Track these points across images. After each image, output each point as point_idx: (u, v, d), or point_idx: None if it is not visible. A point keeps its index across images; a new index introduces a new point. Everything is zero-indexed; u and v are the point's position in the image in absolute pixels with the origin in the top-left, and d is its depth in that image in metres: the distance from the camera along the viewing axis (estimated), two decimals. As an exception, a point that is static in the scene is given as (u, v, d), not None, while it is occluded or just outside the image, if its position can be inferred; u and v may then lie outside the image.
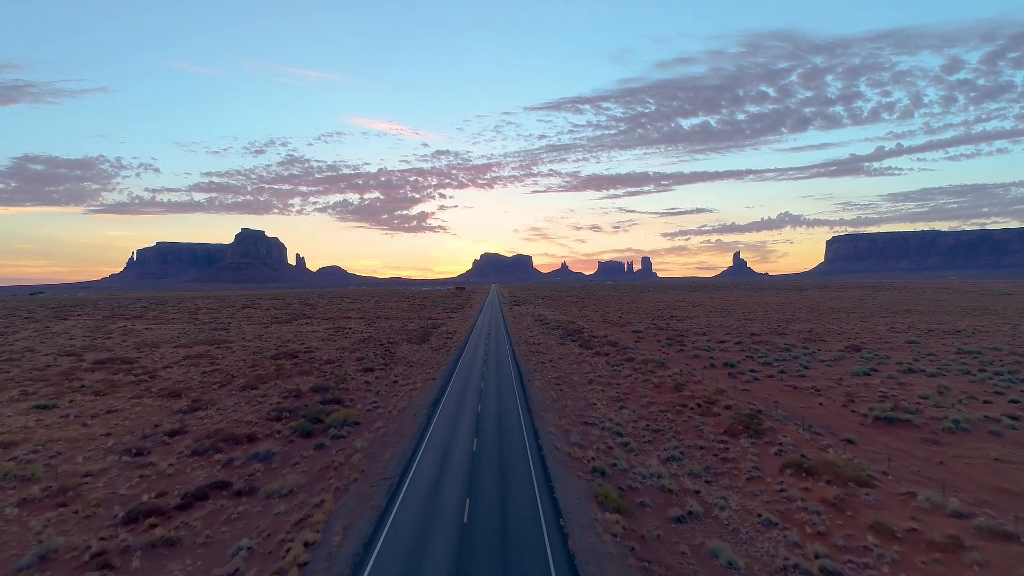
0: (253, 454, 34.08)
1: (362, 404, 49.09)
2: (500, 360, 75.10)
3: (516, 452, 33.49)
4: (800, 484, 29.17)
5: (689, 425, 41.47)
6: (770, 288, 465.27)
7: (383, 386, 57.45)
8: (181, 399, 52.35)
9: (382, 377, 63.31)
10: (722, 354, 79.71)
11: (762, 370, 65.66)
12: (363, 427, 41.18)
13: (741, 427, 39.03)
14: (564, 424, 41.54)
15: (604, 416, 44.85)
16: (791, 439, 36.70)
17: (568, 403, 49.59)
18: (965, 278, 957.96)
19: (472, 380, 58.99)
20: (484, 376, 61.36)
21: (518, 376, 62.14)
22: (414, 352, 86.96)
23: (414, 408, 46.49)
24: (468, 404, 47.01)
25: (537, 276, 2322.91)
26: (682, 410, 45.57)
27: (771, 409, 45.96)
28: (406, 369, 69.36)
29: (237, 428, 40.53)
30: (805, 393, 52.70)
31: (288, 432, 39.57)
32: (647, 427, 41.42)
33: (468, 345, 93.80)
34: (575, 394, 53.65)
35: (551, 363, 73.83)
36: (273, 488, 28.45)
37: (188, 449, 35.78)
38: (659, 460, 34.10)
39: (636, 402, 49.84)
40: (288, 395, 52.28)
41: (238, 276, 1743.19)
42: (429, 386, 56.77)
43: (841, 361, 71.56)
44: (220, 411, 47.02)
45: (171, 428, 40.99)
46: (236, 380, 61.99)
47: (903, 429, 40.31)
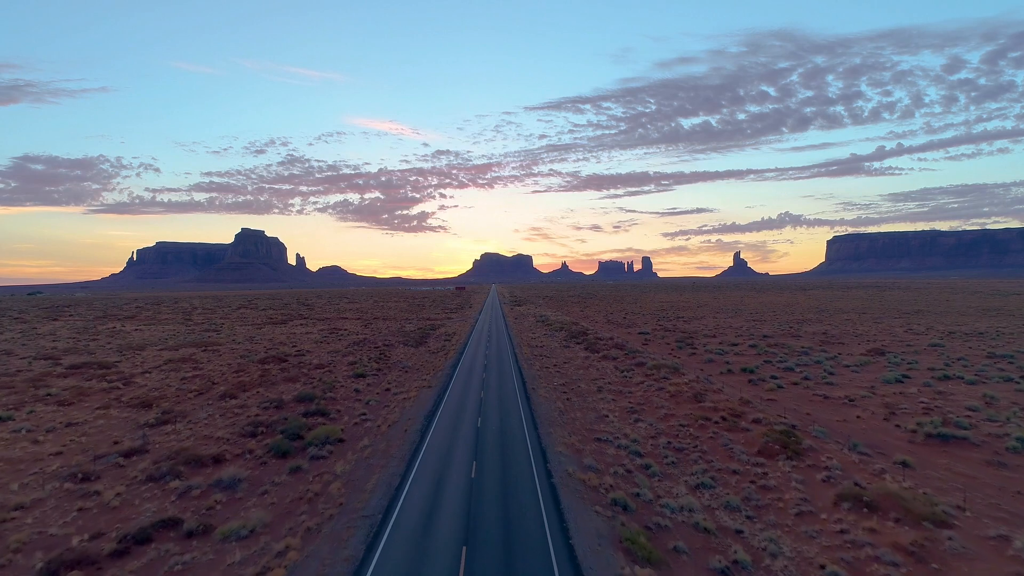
0: (216, 481, 29.29)
1: (349, 416, 44.30)
2: (502, 365, 70.34)
3: (522, 480, 28.69)
4: (863, 523, 24.39)
5: (716, 443, 36.68)
6: (773, 288, 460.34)
7: (374, 395, 52.67)
8: (151, 410, 47.60)
9: (374, 384, 58.53)
10: (737, 358, 74.91)
11: (784, 376, 60.88)
12: (347, 445, 36.41)
13: (777, 446, 34.25)
14: (575, 441, 36.78)
15: (618, 431, 40.11)
16: (837, 462, 31.91)
17: (577, 415, 44.83)
18: (967, 278, 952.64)
19: (472, 388, 54.23)
20: (485, 383, 56.61)
21: (521, 383, 57.38)
22: (410, 356, 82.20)
23: (406, 422, 41.72)
24: (467, 417, 42.24)
25: (537, 276, 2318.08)
26: (705, 424, 40.78)
27: (805, 423, 41.18)
28: (401, 375, 64.59)
29: (204, 447, 35.78)
30: (838, 404, 47.89)
31: (262, 451, 34.80)
32: (668, 445, 36.64)
33: (468, 348, 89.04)
34: (584, 404, 48.90)
35: (556, 368, 69.08)
36: (231, 528, 23.68)
37: (143, 474, 31.01)
38: (687, 487, 29.32)
39: (652, 414, 45.06)
40: (269, 406, 47.51)
41: (238, 276, 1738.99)
42: (424, 395, 52.00)
43: (867, 366, 66.75)
44: (191, 425, 42.24)
45: (130, 446, 36.21)
46: (216, 388, 57.22)
47: (960, 448, 35.52)
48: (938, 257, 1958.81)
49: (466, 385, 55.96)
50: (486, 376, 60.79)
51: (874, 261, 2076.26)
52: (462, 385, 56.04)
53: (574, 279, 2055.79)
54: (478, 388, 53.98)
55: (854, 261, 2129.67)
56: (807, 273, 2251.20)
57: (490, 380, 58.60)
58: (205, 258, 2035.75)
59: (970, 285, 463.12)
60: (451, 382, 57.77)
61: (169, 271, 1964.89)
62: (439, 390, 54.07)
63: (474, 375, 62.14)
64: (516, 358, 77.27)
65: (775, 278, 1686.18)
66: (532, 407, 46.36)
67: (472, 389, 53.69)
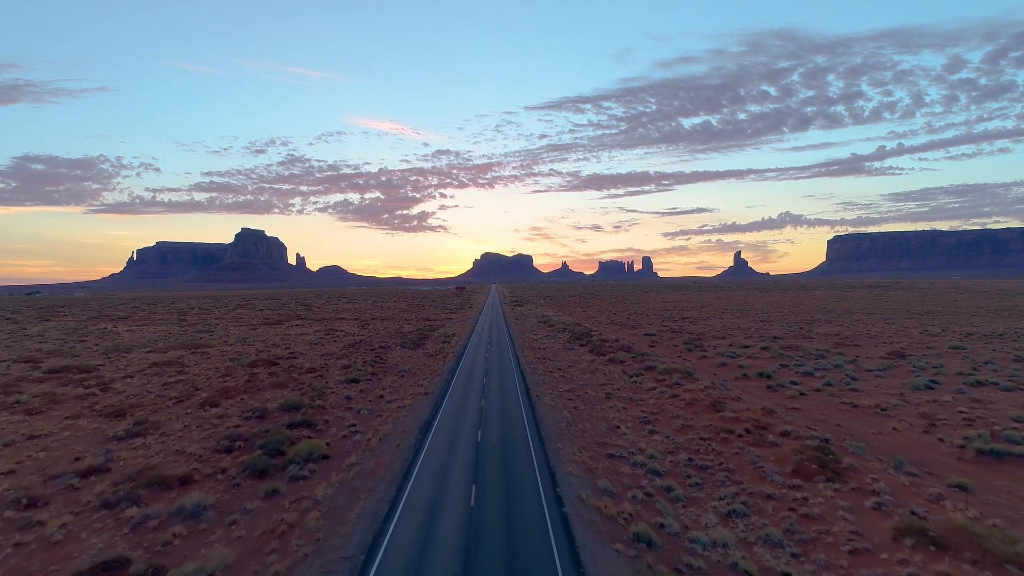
0: (178, 508, 25.58)
1: (337, 428, 40.58)
2: (503, 369, 66.63)
3: (529, 509, 24.96)
4: (933, 565, 20.66)
5: (743, 460, 32.94)
6: (775, 288, 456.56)
7: (366, 403, 48.95)
8: (124, 420, 43.89)
9: (367, 391, 54.80)
10: (751, 362, 71.18)
11: (804, 382, 57.14)
12: (332, 462, 32.69)
13: (814, 465, 30.51)
14: (586, 458, 33.06)
15: (633, 445, 36.41)
16: (885, 484, 28.19)
17: (586, 426, 41.13)
18: (968, 278, 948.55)
19: (471, 395, 50.51)
20: (485, 390, 52.90)
21: (524, 389, 53.66)
22: (407, 358, 78.50)
23: (399, 435, 38.01)
24: (465, 430, 38.52)
25: (538, 276, 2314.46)
26: (728, 438, 37.05)
27: (837, 436, 37.44)
28: (396, 380, 60.87)
29: (173, 465, 32.08)
30: (868, 413, 44.16)
31: (236, 471, 31.07)
32: (690, 462, 32.91)
33: (467, 351, 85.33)
34: (593, 413, 45.19)
35: (560, 372, 65.37)
36: (186, 572, 19.96)
37: (98, 498, 27.30)
38: (718, 516, 25.62)
39: (668, 425, 41.33)
40: (251, 415, 43.80)
41: (238, 276, 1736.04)
42: (420, 403, 48.28)
43: (891, 371, 63.04)
44: (163, 438, 38.53)
45: (91, 464, 32.50)
46: (198, 395, 53.51)
47: (1018, 467, 31.79)
48: (939, 257, 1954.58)
49: (465, 392, 52.26)
50: (487, 382, 57.09)
51: (875, 261, 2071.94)
52: (461, 392, 52.33)
53: (574, 279, 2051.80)
54: (478, 395, 50.27)
55: (855, 261, 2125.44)
56: (808, 273, 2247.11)
57: (491, 386, 54.90)
58: (205, 258, 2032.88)
59: (974, 285, 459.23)
60: (449, 388, 54.06)
61: (169, 271, 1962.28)
62: (436, 397, 50.35)
63: (474, 380, 58.45)
64: (518, 361, 73.57)
65: (776, 278, 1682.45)
66: (537, 417, 42.64)
67: (472, 396, 49.98)
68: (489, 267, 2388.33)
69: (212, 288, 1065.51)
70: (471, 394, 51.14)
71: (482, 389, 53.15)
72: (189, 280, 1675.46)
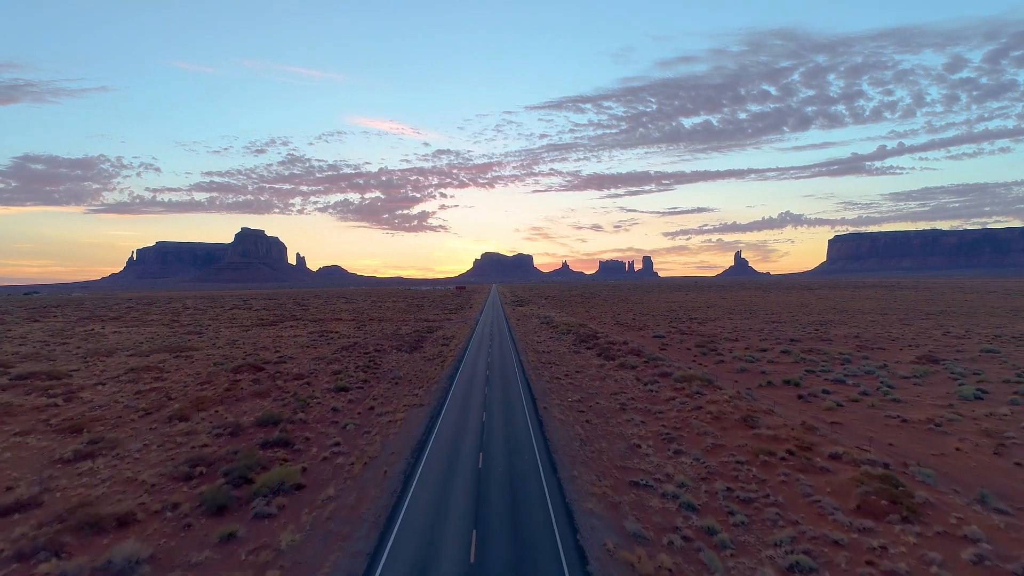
0: (105, 563, 20.50)
1: (318, 448, 35.48)
2: (506, 375, 61.56)
3: (544, 568, 19.82)
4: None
5: (793, 491, 27.84)
6: (778, 288, 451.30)
7: (354, 415, 43.84)
8: (79, 437, 38.82)
9: (356, 401, 49.70)
10: (773, 367, 66.04)
11: (837, 391, 52.04)
12: (307, 495, 27.60)
13: (883, 500, 25.42)
14: (607, 489, 27.97)
15: (658, 469, 31.34)
16: (977, 527, 23.09)
17: (603, 445, 36.05)
18: (970, 277, 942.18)
19: (471, 407, 45.43)
20: (487, 400, 47.81)
21: (531, 400, 48.56)
22: (403, 363, 73.40)
23: (388, 458, 32.90)
24: (464, 452, 33.42)
25: (538, 275, 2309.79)
26: (770, 461, 31.95)
27: (895, 459, 32.32)
28: (389, 388, 55.77)
29: (118, 498, 27.01)
30: (921, 430, 39.02)
31: (190, 506, 25.99)
32: (730, 493, 27.82)
33: (467, 354, 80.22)
34: (608, 429, 40.11)
35: (568, 379, 60.29)
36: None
37: (13, 546, 22.21)
38: (777, 571, 20.55)
39: (695, 443, 36.25)
40: (222, 431, 38.74)
41: (238, 276, 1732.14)
42: (415, 417, 43.17)
43: (927, 378, 57.91)
44: (116, 461, 33.45)
45: (21, 497, 27.42)
46: (170, 405, 48.44)
47: (1124, 501, 26.67)
48: (940, 256, 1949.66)
49: (465, 403, 47.16)
50: (488, 391, 51.97)
51: (876, 261, 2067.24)
52: (460, 403, 47.23)
53: (575, 279, 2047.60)
54: (479, 408, 45.18)
55: (855, 261, 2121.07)
56: (809, 273, 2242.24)
57: (493, 396, 49.81)
58: (205, 258, 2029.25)
59: (978, 285, 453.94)
60: (447, 399, 48.94)
61: (169, 271, 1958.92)
62: (432, 410, 45.24)
63: (474, 389, 53.36)
64: (522, 367, 68.46)
65: (778, 278, 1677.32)
66: (546, 435, 37.54)
67: (472, 409, 44.88)
68: (489, 267, 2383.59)
69: (211, 288, 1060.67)
70: (471, 405, 46.06)
71: (483, 400, 48.05)
72: (189, 280, 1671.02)
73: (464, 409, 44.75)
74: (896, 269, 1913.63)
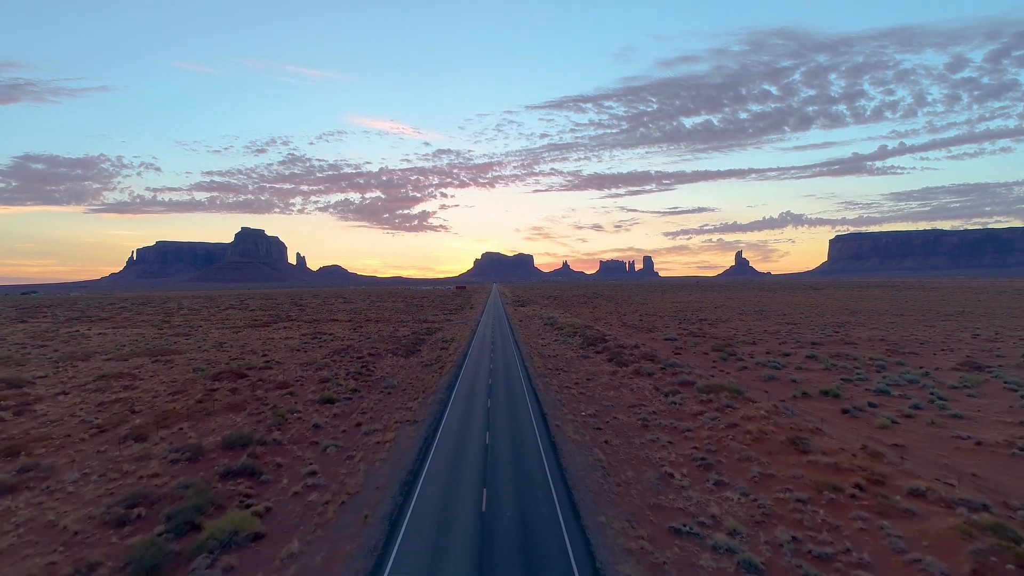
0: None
1: (289, 479, 29.71)
2: (511, 384, 55.83)
3: None
4: None
5: (881, 546, 22.04)
6: (783, 288, 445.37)
7: (337, 435, 38.09)
8: (14, 462, 33.09)
9: (342, 415, 43.94)
10: (803, 375, 60.27)
11: (884, 403, 46.28)
12: (264, 549, 21.86)
13: (1006, 563, 19.66)
14: (644, 542, 22.20)
15: (700, 508, 25.61)
16: None
17: (629, 475, 30.28)
18: (972, 277, 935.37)
19: (473, 424, 39.65)
20: (490, 416, 42.07)
21: (539, 415, 42.79)
22: (398, 369, 67.66)
23: (370, 495, 27.12)
24: (465, 487, 27.59)
25: (539, 275, 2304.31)
26: (837, 499, 26.18)
27: (990, 495, 26.53)
28: (381, 400, 50.02)
29: (23, 555, 21.29)
30: (1002, 455, 33.16)
31: (111, 568, 20.25)
32: (797, 546, 22.03)
33: (468, 359, 74.45)
34: (632, 452, 34.36)
35: (579, 388, 54.56)
36: None
37: None
38: None
39: (738, 472, 30.48)
40: (181, 455, 32.99)
41: (238, 276, 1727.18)
42: (406, 437, 37.40)
43: (979, 387, 52.14)
44: (43, 496, 27.72)
45: (-96, 551, 21.70)
46: (131, 420, 42.74)
47: None
48: (941, 256, 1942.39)
49: (465, 419, 41.39)
50: (491, 404, 46.19)
51: (877, 261, 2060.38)
52: (459, 419, 41.46)
53: (575, 279, 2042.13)
54: (481, 425, 39.42)
55: (857, 260, 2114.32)
56: (810, 272, 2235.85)
57: (497, 410, 44.03)
58: (205, 257, 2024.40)
59: (986, 285, 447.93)
60: (445, 414, 43.15)
61: (169, 270, 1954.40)
62: (428, 427, 39.47)
63: (476, 401, 47.61)
64: (527, 374, 62.69)
65: (780, 277, 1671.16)
66: (562, 462, 31.75)
67: (473, 427, 39.12)
68: (490, 267, 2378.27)
69: (211, 288, 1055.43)
70: (472, 422, 40.31)
71: (486, 415, 42.26)
72: (188, 280, 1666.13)
73: (464, 427, 38.99)
74: (898, 269, 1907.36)
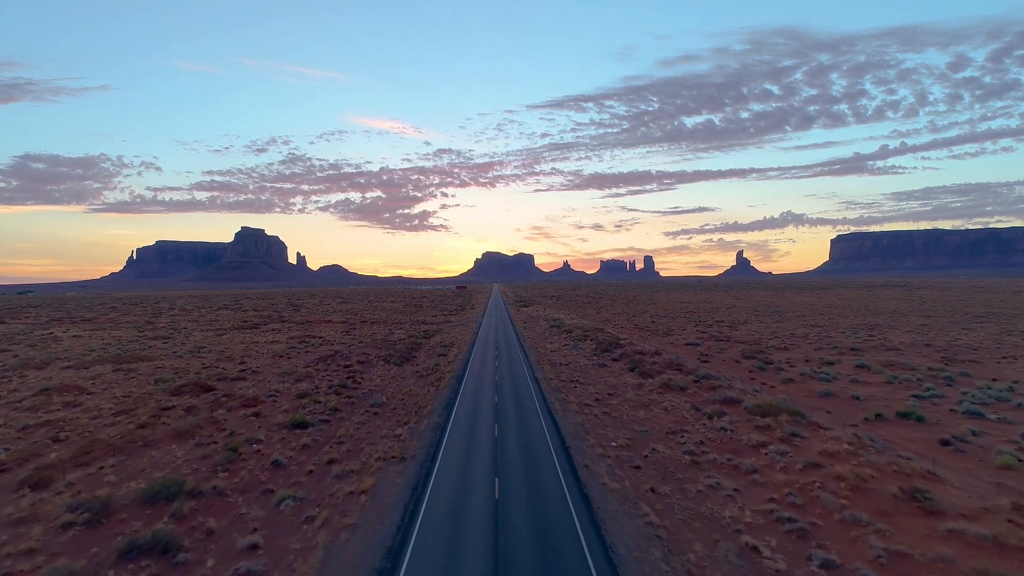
0: None
1: (217, 560, 20.83)
2: (521, 403, 47.04)
3: None
4: None
5: None
6: (790, 287, 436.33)
7: (301, 477, 29.26)
8: None
9: (313, 446, 35.11)
10: (863, 389, 51.42)
11: (985, 430, 37.47)
12: None
13: None
14: None
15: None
16: None
17: (698, 550, 21.46)
18: (975, 277, 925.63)
19: (477, 466, 30.69)
20: (498, 449, 33.22)
21: (561, 448, 33.93)
22: (389, 380, 58.89)
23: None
24: None
25: (539, 275, 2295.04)
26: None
27: None
28: (364, 422, 41.20)
29: None
30: None
31: None
32: None
33: (469, 369, 65.61)
34: (687, 505, 25.56)
35: (602, 407, 45.75)
36: None
37: None
38: None
39: (848, 544, 21.67)
40: (78, 517, 24.14)
41: (238, 275, 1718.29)
42: (388, 484, 28.51)
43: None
44: None
45: None
46: (44, 455, 33.92)
47: None
48: (943, 256, 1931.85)
49: (467, 455, 32.52)
50: (500, 432, 37.24)
51: (878, 260, 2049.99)
52: (459, 455, 32.59)
53: (576, 278, 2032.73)
54: (487, 464, 30.55)
55: (858, 260, 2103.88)
56: (811, 272, 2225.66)
57: (507, 442, 35.14)
58: (205, 257, 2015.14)
59: (996, 284, 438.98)
60: (441, 447, 34.26)
61: (169, 270, 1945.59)
62: (418, 469, 30.58)
63: (480, 427, 38.78)
64: (539, 388, 53.86)
65: (783, 277, 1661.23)
66: (602, 532, 22.90)
67: (477, 468, 30.25)
68: (490, 266, 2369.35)
69: (210, 287, 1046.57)
70: (476, 460, 31.45)
71: (493, 449, 33.38)
72: (188, 279, 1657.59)
73: (465, 468, 30.13)
74: (899, 269, 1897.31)
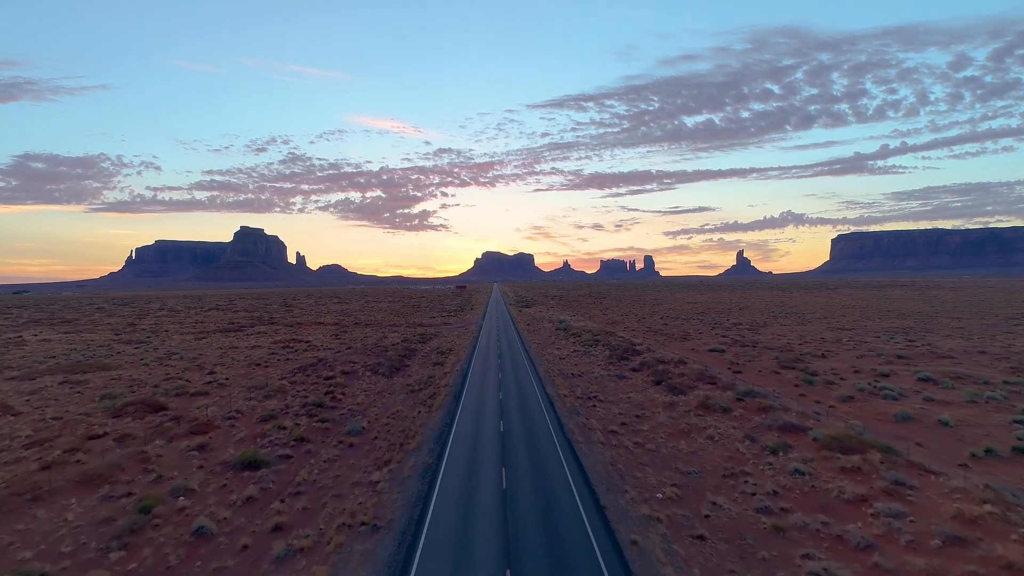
0: None
1: None
2: (533, 429, 38.17)
3: None
4: None
5: None
6: (796, 287, 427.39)
7: (223, 566, 20.45)
8: None
9: (258, 502, 26.28)
10: (944, 411, 42.59)
11: None
12: None
13: None
14: None
15: None
16: None
17: None
18: (977, 276, 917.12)
19: (478, 539, 21.85)
20: (507, 509, 24.40)
21: (593, 505, 25.11)
22: (374, 398, 50.09)
23: None
24: None
25: (539, 275, 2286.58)
26: None
27: None
28: (334, 460, 32.36)
29: None
30: None
31: None
32: None
33: (469, 383, 56.69)
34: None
35: (631, 434, 36.96)
36: None
37: None
38: None
39: None
40: None
41: (237, 275, 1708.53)
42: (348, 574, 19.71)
43: None
44: None
45: None
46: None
47: None
48: (944, 256, 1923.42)
49: (464, 521, 23.63)
50: (508, 483, 28.21)
51: (879, 260, 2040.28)
52: (454, 523, 23.69)
53: (576, 278, 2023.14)
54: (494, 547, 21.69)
55: (859, 260, 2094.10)
56: (812, 272, 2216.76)
57: (520, 496, 26.23)
58: (204, 257, 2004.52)
59: (1009, 284, 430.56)
60: (430, 505, 25.38)
61: (168, 270, 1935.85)
62: (395, 546, 21.73)
63: (482, 471, 29.87)
64: (554, 410, 44.94)
65: (783, 277, 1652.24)
66: None
67: (479, 548, 21.42)
68: (490, 266, 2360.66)
69: (209, 287, 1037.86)
70: (477, 533, 22.54)
71: (502, 511, 24.50)
72: (187, 279, 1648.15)
73: (463, 550, 21.26)
74: (900, 268, 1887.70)
